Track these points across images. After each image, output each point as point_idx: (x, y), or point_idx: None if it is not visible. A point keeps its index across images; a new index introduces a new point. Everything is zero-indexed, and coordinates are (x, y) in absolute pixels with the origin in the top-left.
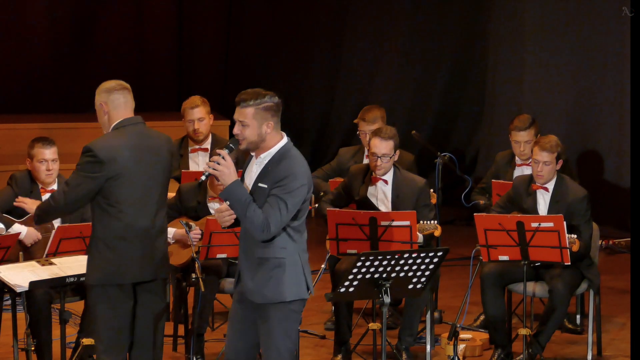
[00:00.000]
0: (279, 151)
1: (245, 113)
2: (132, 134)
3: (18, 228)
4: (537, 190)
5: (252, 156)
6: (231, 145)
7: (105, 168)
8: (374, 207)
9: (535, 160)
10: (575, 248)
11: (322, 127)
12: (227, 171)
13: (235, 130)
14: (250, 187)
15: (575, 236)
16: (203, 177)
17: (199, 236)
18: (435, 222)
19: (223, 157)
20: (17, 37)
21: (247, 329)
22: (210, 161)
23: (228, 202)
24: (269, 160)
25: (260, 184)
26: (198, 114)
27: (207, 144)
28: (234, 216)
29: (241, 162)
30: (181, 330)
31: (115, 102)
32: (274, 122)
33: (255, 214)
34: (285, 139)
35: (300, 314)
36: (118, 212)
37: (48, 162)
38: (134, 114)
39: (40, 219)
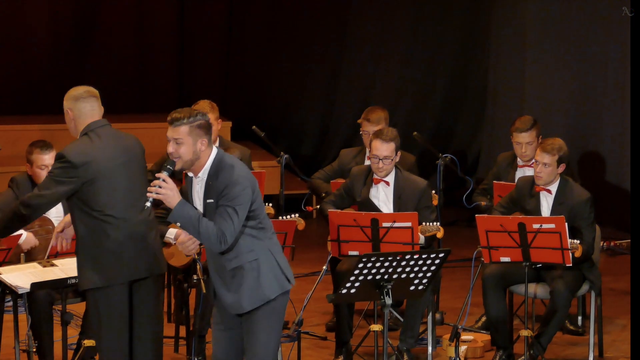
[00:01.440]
0: (213, 164)
1: (179, 131)
2: (103, 136)
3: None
4: (541, 192)
5: (191, 177)
6: (169, 166)
7: (80, 172)
8: (375, 209)
9: (536, 161)
10: (577, 254)
11: (323, 128)
12: (170, 193)
13: (170, 149)
14: (200, 206)
15: (578, 242)
16: (148, 203)
17: None
18: (438, 223)
19: (164, 180)
20: (18, 39)
21: (234, 330)
22: (151, 185)
23: (179, 224)
24: (208, 176)
25: (208, 200)
26: None
27: None
28: (198, 243)
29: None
30: (182, 331)
31: (82, 110)
32: (207, 139)
33: (208, 228)
34: (214, 150)
35: (284, 308)
36: (102, 215)
37: (48, 168)
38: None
39: (5, 235)
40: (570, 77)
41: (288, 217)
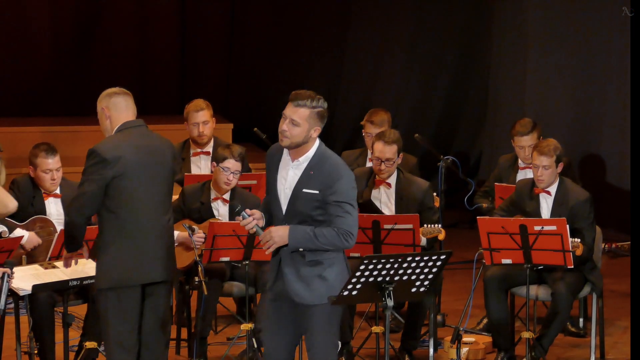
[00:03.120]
0: (316, 154)
1: (300, 113)
2: (136, 136)
3: (20, 232)
4: (540, 194)
5: (279, 157)
6: (243, 212)
7: (111, 167)
8: (377, 211)
9: (534, 165)
10: (578, 252)
11: (324, 130)
12: (277, 239)
13: (283, 127)
14: (288, 192)
15: (579, 240)
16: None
17: (202, 239)
18: (439, 225)
19: (261, 233)
20: (20, 41)
21: (286, 326)
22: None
23: (301, 249)
24: (308, 165)
25: (306, 190)
26: (202, 117)
27: (210, 147)
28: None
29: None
30: (184, 333)
31: (117, 105)
32: (320, 128)
33: (326, 237)
34: (318, 141)
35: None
36: (124, 213)
37: (52, 172)
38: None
39: (71, 247)
40: (571, 79)
41: None
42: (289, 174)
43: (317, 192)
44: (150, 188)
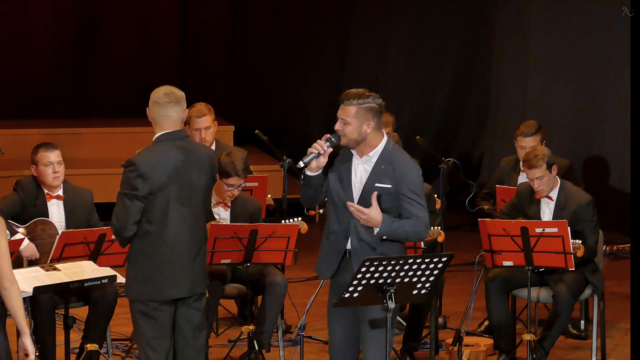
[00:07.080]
0: (385, 148)
1: (347, 111)
2: (174, 149)
3: (20, 235)
4: (542, 199)
5: (349, 153)
6: (333, 139)
7: (148, 183)
8: None
9: (529, 179)
10: (580, 254)
11: (326, 132)
12: (371, 218)
13: (337, 127)
14: (359, 186)
15: (580, 242)
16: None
17: None
18: (439, 228)
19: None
20: (21, 43)
21: (350, 318)
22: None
23: (385, 237)
24: (379, 159)
25: (379, 185)
26: (204, 123)
27: None
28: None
29: None
30: None
31: (161, 117)
32: (374, 122)
33: (414, 225)
34: (386, 137)
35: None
36: (155, 228)
37: (54, 165)
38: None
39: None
40: (573, 81)
41: (291, 220)
42: (359, 169)
43: (390, 186)
44: (184, 205)
